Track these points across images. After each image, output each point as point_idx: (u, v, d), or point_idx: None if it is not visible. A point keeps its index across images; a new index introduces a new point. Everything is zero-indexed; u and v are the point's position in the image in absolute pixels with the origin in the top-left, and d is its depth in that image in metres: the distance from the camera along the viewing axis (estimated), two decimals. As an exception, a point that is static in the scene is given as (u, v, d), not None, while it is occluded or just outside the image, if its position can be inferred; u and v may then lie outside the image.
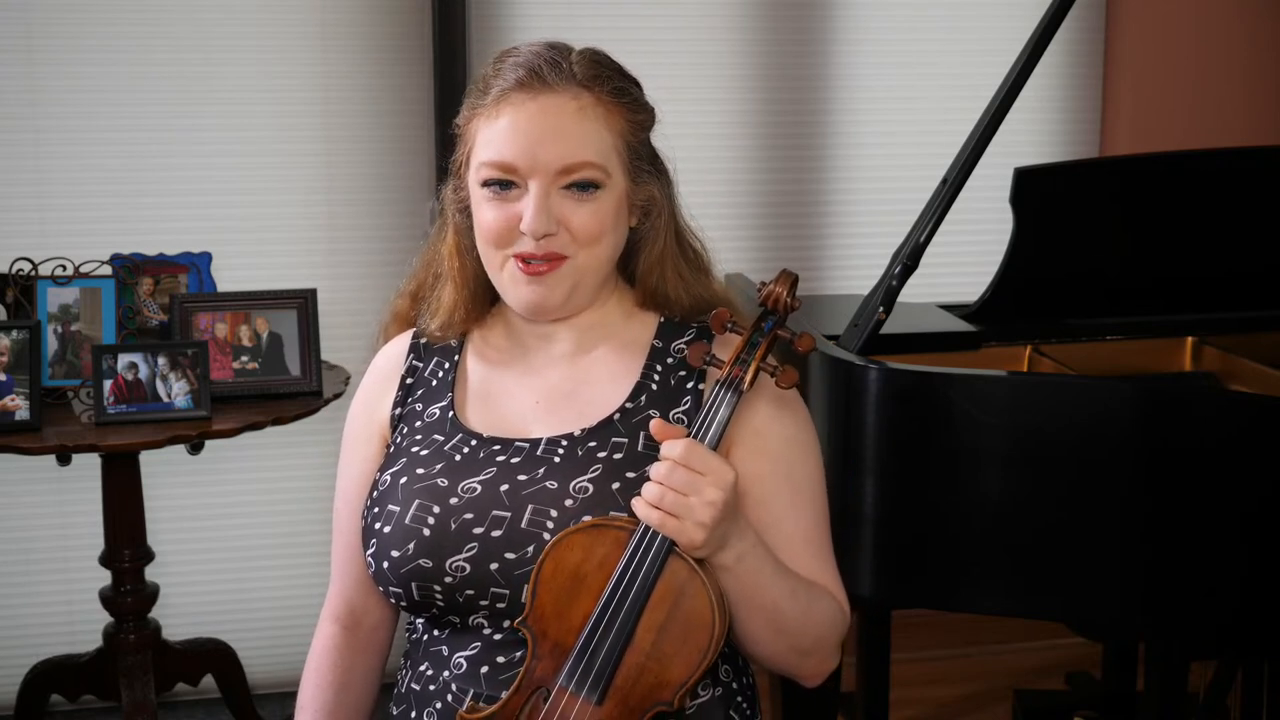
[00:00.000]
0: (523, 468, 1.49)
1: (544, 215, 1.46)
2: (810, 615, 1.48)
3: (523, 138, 1.46)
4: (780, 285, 1.43)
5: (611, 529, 1.40)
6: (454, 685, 1.49)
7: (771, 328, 1.44)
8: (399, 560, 1.48)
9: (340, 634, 1.66)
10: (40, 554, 3.25)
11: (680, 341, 1.56)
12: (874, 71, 3.50)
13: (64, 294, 2.74)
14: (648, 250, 1.56)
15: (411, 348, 1.64)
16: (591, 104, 1.48)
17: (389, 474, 1.55)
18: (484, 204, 1.50)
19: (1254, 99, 3.62)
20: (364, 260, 3.28)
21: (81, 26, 3.10)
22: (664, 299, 1.57)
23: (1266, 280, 2.68)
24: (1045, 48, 2.33)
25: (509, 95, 1.48)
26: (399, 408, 1.60)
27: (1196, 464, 2.06)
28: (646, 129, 1.55)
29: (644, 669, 1.38)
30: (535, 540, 1.44)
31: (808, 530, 1.52)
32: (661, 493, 1.37)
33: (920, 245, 2.30)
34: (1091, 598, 2.10)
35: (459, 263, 1.58)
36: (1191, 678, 2.51)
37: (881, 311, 2.29)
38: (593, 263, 1.50)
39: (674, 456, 1.37)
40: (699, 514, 1.36)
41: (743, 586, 1.42)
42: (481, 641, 1.48)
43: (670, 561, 1.38)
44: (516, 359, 1.58)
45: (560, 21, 3.29)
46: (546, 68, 1.48)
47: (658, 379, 1.54)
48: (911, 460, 2.15)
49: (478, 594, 1.46)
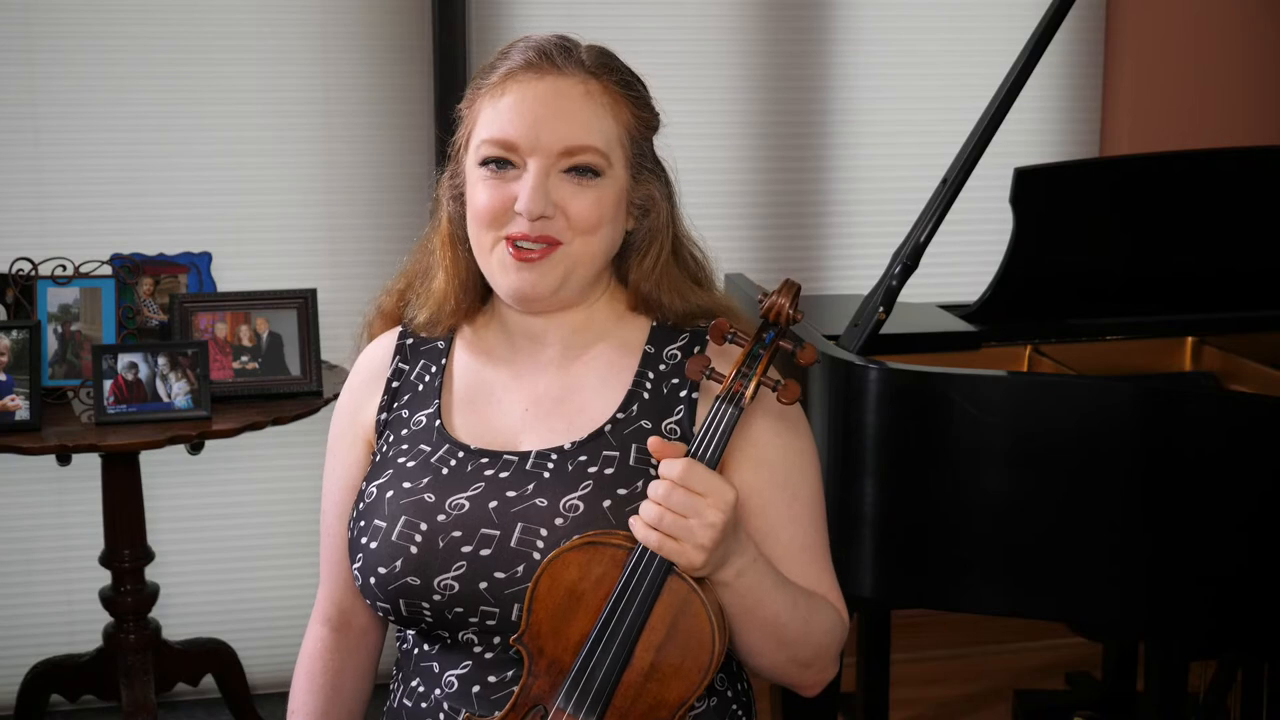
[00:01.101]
0: (512, 483, 1.46)
1: (541, 195, 1.42)
2: (810, 626, 1.46)
3: (527, 115, 1.43)
4: (783, 296, 1.38)
5: (608, 547, 1.36)
6: (446, 704, 1.47)
7: (773, 339, 1.39)
8: (386, 577, 1.45)
9: (330, 636, 1.65)
10: (40, 554, 3.25)
11: (673, 347, 1.52)
12: (874, 71, 3.50)
13: (64, 294, 2.74)
14: (643, 253, 1.52)
15: (397, 349, 1.60)
16: (599, 91, 1.46)
17: (375, 486, 1.51)
18: (479, 184, 1.46)
19: (1254, 99, 3.62)
20: (364, 260, 3.28)
21: (81, 26, 3.10)
22: (657, 304, 1.53)
23: (1266, 280, 2.68)
24: (1045, 48, 2.33)
25: (515, 74, 1.46)
26: (384, 413, 1.57)
27: (1196, 464, 2.06)
28: (651, 129, 1.52)
29: (643, 689, 1.36)
30: (525, 560, 1.41)
31: (806, 539, 1.50)
32: (660, 514, 1.33)
33: (920, 245, 2.30)
34: (1091, 598, 2.10)
35: (451, 253, 1.54)
36: (1191, 678, 2.51)
37: (881, 311, 2.29)
38: (587, 254, 1.46)
39: (673, 477, 1.33)
40: (699, 536, 1.32)
41: (742, 601, 1.40)
42: (473, 660, 1.46)
43: (669, 580, 1.34)
44: (505, 361, 1.54)
45: (560, 22, 3.27)
46: (556, 51, 1.46)
47: (650, 387, 1.50)
48: (911, 460, 2.15)
49: (467, 612, 1.44)
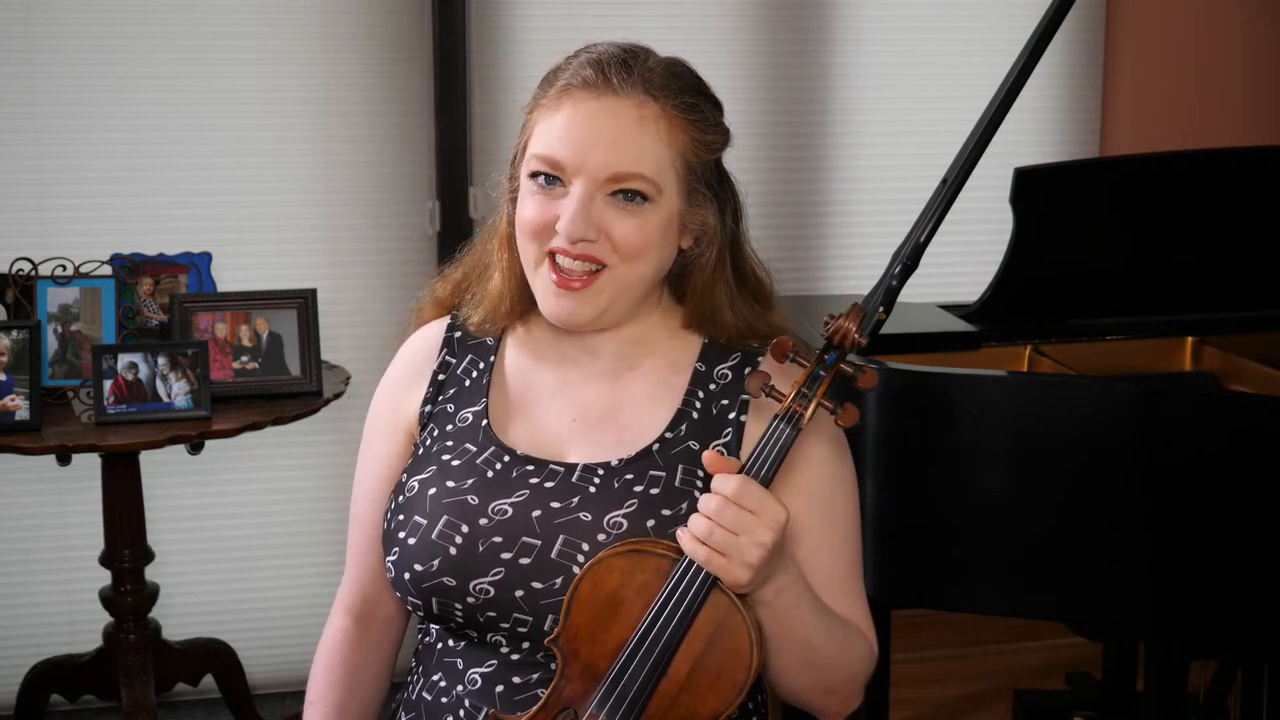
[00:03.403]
0: (556, 494, 1.44)
1: (582, 220, 1.40)
2: (842, 653, 1.44)
3: (576, 137, 1.41)
4: (850, 320, 1.37)
5: (653, 556, 1.36)
6: (467, 701, 1.46)
7: (835, 361, 1.37)
8: (422, 574, 1.44)
9: (352, 627, 1.63)
10: (40, 554, 3.25)
11: (724, 366, 1.51)
12: (874, 71, 3.49)
13: (64, 294, 2.74)
14: (699, 273, 1.49)
15: (445, 341, 1.57)
16: (655, 115, 1.43)
17: (417, 480, 1.49)
18: (528, 196, 1.45)
19: (1254, 99, 3.62)
20: (364, 260, 3.28)
21: (81, 26, 3.10)
22: (713, 320, 1.51)
23: (1266, 280, 2.68)
24: (1045, 48, 2.33)
25: (572, 91, 1.43)
26: (429, 405, 1.55)
27: (1196, 464, 2.06)
28: (715, 150, 1.48)
29: (677, 700, 1.35)
30: (564, 572, 1.40)
31: (844, 567, 1.48)
32: (710, 529, 1.31)
33: (920, 245, 2.30)
34: (1091, 597, 2.10)
35: (508, 254, 1.51)
36: (1191, 678, 2.51)
37: (881, 311, 2.29)
38: (631, 279, 1.44)
39: (726, 493, 1.31)
40: (748, 554, 1.31)
41: (779, 621, 1.38)
42: (498, 660, 1.45)
43: (712, 595, 1.33)
44: (554, 365, 1.53)
45: (560, 22, 3.29)
46: (616, 67, 1.43)
47: (699, 406, 1.49)
48: (911, 460, 2.15)
49: (499, 616, 1.43)
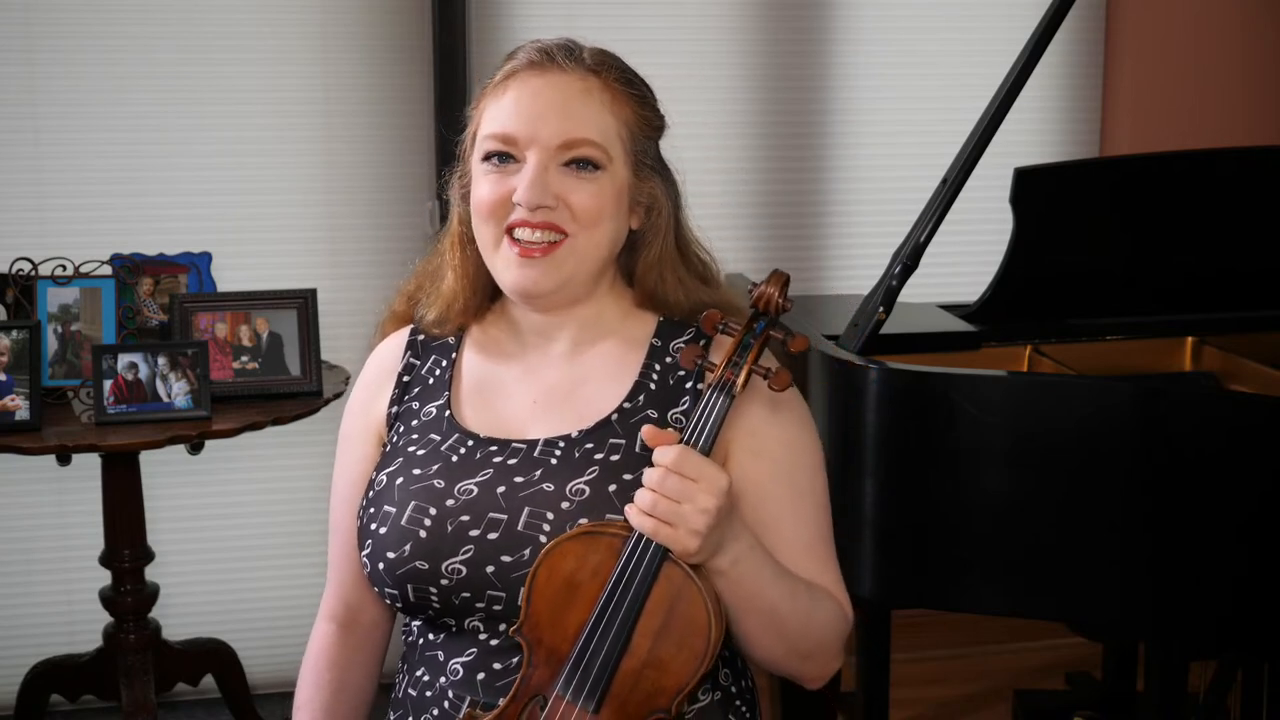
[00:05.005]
0: (519, 469, 1.48)
1: (539, 186, 1.45)
2: (811, 618, 1.46)
3: (525, 110, 1.48)
4: (772, 286, 1.41)
5: (605, 536, 1.38)
6: (450, 692, 1.49)
7: (764, 329, 1.42)
8: (395, 561, 1.47)
9: (337, 633, 1.66)
10: (40, 554, 3.25)
11: (679, 341, 1.55)
12: (874, 71, 3.50)
13: (64, 294, 2.74)
14: (647, 251, 1.55)
15: (409, 345, 1.63)
16: (599, 87, 1.50)
17: (385, 474, 1.54)
18: (482, 179, 1.50)
19: (1254, 99, 3.62)
20: (364, 260, 3.28)
21: (81, 26, 3.10)
22: (663, 300, 1.56)
23: (1266, 280, 2.68)
24: (1045, 48, 2.33)
25: (518, 73, 1.51)
26: (395, 405, 1.60)
27: (1196, 464, 2.06)
28: (654, 129, 1.55)
29: (641, 676, 1.37)
30: (531, 543, 1.43)
31: (809, 532, 1.51)
32: (654, 500, 1.35)
33: (920, 245, 2.30)
34: (1091, 598, 2.10)
35: (460, 253, 1.57)
36: (1191, 678, 2.51)
37: (881, 311, 2.29)
38: (590, 247, 1.49)
39: (666, 463, 1.36)
40: (693, 521, 1.34)
41: (739, 590, 1.41)
42: (478, 648, 1.48)
43: (665, 568, 1.36)
44: (515, 356, 1.57)
45: (560, 22, 3.29)
46: (558, 50, 1.51)
47: (656, 378, 1.53)
48: (911, 460, 2.15)
49: (474, 596, 1.45)
